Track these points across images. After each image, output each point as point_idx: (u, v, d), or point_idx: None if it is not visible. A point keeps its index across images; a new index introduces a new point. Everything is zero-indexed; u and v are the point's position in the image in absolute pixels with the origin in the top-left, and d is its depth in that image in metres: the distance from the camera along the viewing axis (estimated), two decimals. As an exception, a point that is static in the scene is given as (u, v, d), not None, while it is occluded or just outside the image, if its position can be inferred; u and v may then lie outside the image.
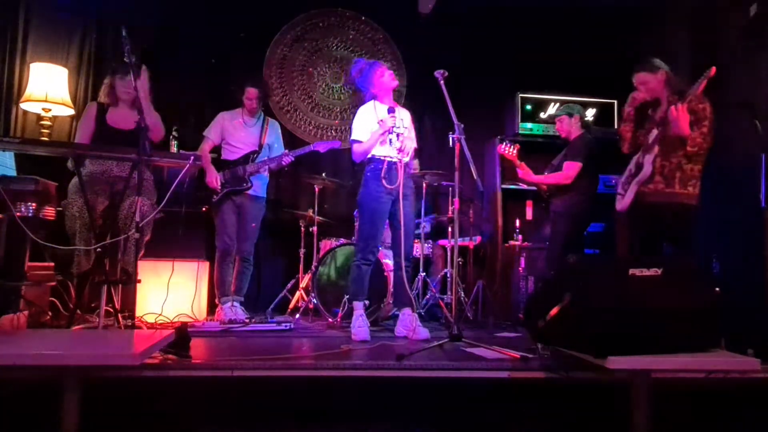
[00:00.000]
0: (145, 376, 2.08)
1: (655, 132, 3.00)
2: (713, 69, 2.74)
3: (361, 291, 3.23)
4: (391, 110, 3.21)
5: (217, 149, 3.95)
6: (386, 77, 3.28)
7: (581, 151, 3.79)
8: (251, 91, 3.88)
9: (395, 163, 3.20)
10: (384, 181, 3.17)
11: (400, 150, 3.18)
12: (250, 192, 3.84)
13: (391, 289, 3.90)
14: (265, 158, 3.92)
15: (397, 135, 3.20)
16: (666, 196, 2.93)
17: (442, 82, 3.03)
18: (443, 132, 3.28)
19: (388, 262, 3.82)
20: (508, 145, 3.98)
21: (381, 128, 3.18)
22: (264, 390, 2.21)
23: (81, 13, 4.58)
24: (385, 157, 3.22)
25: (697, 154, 2.88)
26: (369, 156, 3.24)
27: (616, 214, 3.36)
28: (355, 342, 2.97)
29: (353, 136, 3.29)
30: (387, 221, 3.29)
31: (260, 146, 3.93)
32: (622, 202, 3.14)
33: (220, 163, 3.92)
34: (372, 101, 3.33)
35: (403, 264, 3.20)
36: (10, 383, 1.97)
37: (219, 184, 3.76)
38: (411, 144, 3.26)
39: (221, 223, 3.79)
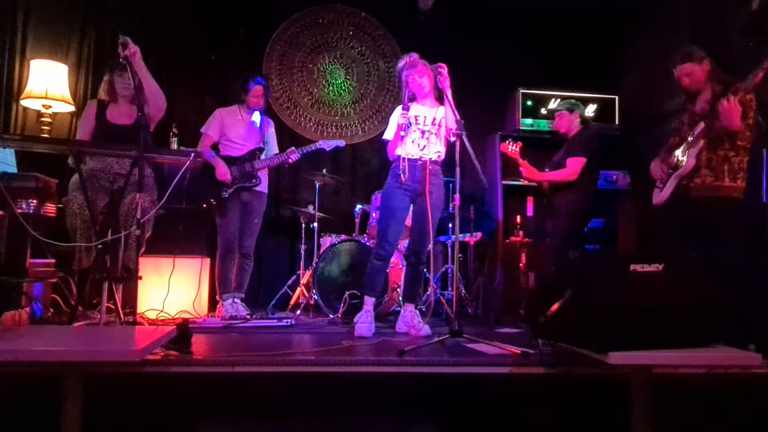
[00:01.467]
0: (146, 372, 2.08)
1: (701, 125, 2.88)
2: None
3: (370, 286, 3.22)
4: (405, 108, 3.18)
5: (214, 146, 3.89)
6: (413, 83, 3.22)
7: (584, 147, 3.77)
8: (258, 89, 3.85)
9: (415, 160, 3.19)
10: (401, 178, 3.17)
11: (424, 147, 3.19)
12: (256, 188, 3.84)
13: (392, 285, 3.91)
14: (272, 155, 3.92)
15: (422, 132, 3.20)
16: (714, 190, 2.83)
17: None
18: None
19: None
20: (511, 143, 3.98)
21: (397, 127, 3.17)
22: (265, 386, 2.21)
23: (80, 9, 4.58)
24: (406, 154, 3.20)
25: (745, 147, 2.80)
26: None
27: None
28: (357, 338, 2.97)
29: (384, 136, 3.34)
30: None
31: (263, 142, 3.92)
32: (660, 196, 3.02)
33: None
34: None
35: (414, 261, 3.24)
36: (12, 379, 1.98)
37: (231, 177, 3.73)
38: (436, 144, 3.24)
39: (225, 220, 3.77)
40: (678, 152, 3.01)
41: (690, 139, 2.95)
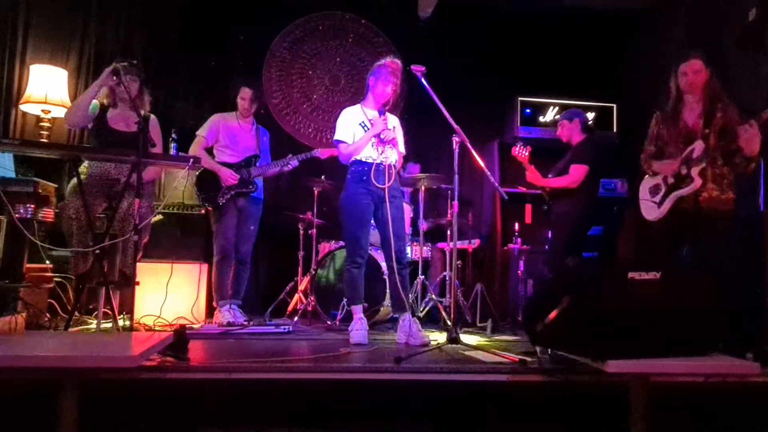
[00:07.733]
0: (143, 378, 2.07)
1: (700, 145, 2.85)
2: None
3: (355, 295, 3.17)
4: (381, 112, 3.18)
5: (208, 152, 3.87)
6: (392, 92, 3.22)
7: (587, 154, 3.79)
8: (246, 91, 3.85)
9: (380, 164, 3.17)
10: (365, 184, 3.13)
11: (384, 151, 3.17)
12: (252, 195, 3.84)
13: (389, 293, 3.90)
14: (270, 162, 3.92)
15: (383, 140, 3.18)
16: (723, 203, 2.85)
17: (422, 78, 2.96)
18: (443, 135, 3.27)
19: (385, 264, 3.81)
20: (521, 146, 4.00)
21: (373, 129, 3.14)
22: (262, 392, 2.21)
23: (81, 15, 4.60)
24: (367, 158, 3.18)
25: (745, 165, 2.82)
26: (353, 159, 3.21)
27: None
28: (353, 345, 2.96)
29: (337, 137, 3.23)
30: (373, 224, 3.25)
31: (259, 150, 3.92)
32: (657, 212, 2.98)
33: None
34: (359, 105, 3.31)
35: (395, 267, 3.11)
36: (8, 385, 1.97)
37: (235, 180, 3.73)
38: (396, 149, 3.24)
39: (221, 226, 3.75)
40: (681, 169, 2.93)
41: (685, 156, 2.90)
